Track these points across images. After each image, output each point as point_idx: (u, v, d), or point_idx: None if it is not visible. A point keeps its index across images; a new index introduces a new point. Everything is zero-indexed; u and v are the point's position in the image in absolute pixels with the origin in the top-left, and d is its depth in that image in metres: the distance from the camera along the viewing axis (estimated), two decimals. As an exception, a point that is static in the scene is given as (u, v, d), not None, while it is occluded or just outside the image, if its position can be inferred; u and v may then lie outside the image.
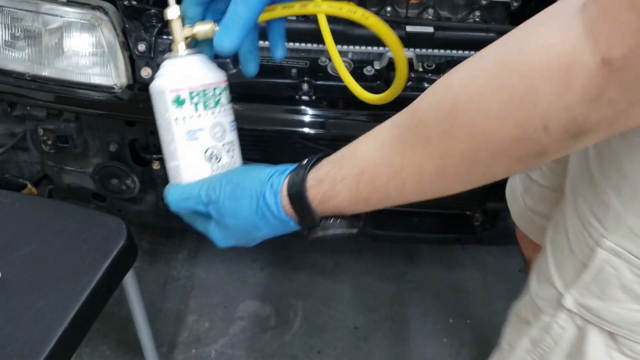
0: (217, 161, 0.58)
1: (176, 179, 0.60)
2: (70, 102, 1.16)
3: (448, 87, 0.44)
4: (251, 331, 1.53)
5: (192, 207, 0.58)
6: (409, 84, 1.13)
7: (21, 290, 0.91)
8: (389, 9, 1.16)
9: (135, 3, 1.10)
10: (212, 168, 0.58)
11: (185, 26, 0.58)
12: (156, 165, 1.27)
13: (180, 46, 0.57)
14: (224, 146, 0.59)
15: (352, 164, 0.50)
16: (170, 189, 0.59)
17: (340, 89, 1.11)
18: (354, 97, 0.66)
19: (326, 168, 0.51)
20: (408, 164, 0.46)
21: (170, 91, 0.56)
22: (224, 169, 0.59)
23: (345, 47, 1.14)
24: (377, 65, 1.13)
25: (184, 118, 0.57)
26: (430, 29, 1.11)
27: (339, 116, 1.13)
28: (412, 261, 1.72)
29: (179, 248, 1.72)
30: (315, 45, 1.14)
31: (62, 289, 0.90)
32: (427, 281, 1.67)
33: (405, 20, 1.13)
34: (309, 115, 1.12)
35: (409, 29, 1.11)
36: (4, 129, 1.29)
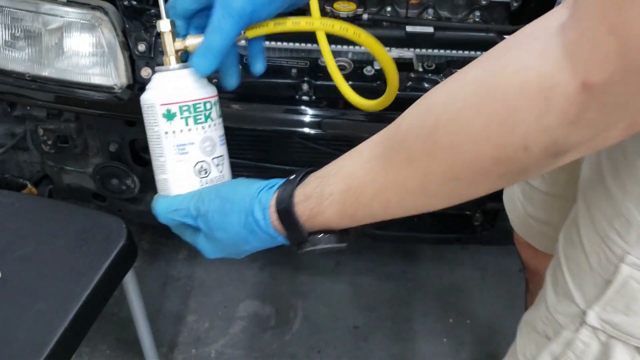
0: (206, 175, 0.59)
1: (165, 192, 0.60)
2: (70, 102, 1.16)
3: (429, 107, 0.45)
4: (251, 331, 1.53)
5: (181, 220, 0.58)
6: (409, 84, 1.13)
7: (21, 290, 0.91)
8: (389, 9, 1.16)
9: (135, 3, 1.10)
10: (201, 182, 0.59)
11: (177, 39, 0.58)
12: (156, 165, 1.27)
13: (171, 59, 0.58)
14: (213, 160, 0.59)
15: (338, 180, 0.50)
16: (159, 200, 0.59)
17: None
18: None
19: (313, 184, 0.51)
20: (392, 181, 0.46)
21: (161, 105, 0.56)
22: (213, 183, 0.59)
23: (345, 47, 1.14)
24: (377, 65, 1.13)
25: (174, 132, 0.57)
26: (430, 29, 1.11)
27: (339, 116, 1.13)
28: (412, 261, 1.72)
29: (179, 248, 1.72)
30: (315, 45, 1.14)
31: (62, 289, 0.90)
32: (427, 281, 1.67)
33: (405, 20, 1.13)
34: (309, 115, 1.12)
35: (409, 29, 1.11)
36: (4, 129, 1.29)
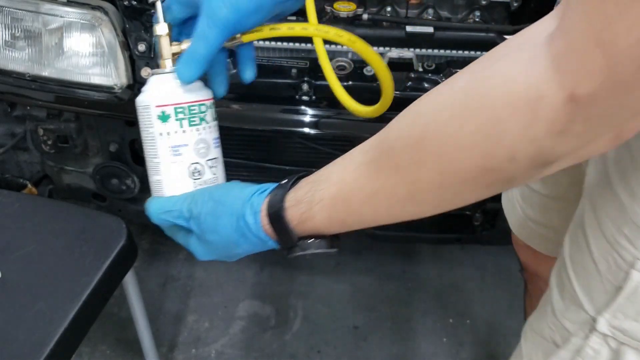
0: (200, 177, 0.59)
1: (158, 193, 0.60)
2: (70, 102, 1.16)
3: (417, 116, 0.45)
4: (251, 331, 1.53)
5: (174, 221, 0.58)
6: (409, 84, 1.13)
7: (21, 290, 0.91)
8: (389, 9, 1.16)
9: (135, 3, 1.10)
10: (195, 184, 0.59)
11: (173, 43, 0.58)
12: (156, 165, 1.27)
13: (167, 62, 0.58)
14: (207, 162, 0.60)
15: (329, 186, 0.50)
16: (153, 201, 0.60)
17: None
18: (353, 98, 0.66)
19: (304, 189, 0.52)
20: (380, 188, 0.47)
21: (156, 106, 0.57)
22: (207, 185, 0.60)
23: (345, 48, 1.14)
24: (377, 65, 1.13)
25: (168, 133, 0.57)
26: (430, 29, 1.11)
27: (339, 116, 1.13)
28: (412, 261, 1.72)
29: (179, 248, 1.71)
30: (315, 45, 1.14)
31: (62, 289, 0.90)
32: (427, 281, 1.67)
33: (405, 20, 1.13)
34: (309, 115, 1.12)
35: (409, 29, 1.11)
36: (4, 129, 1.29)
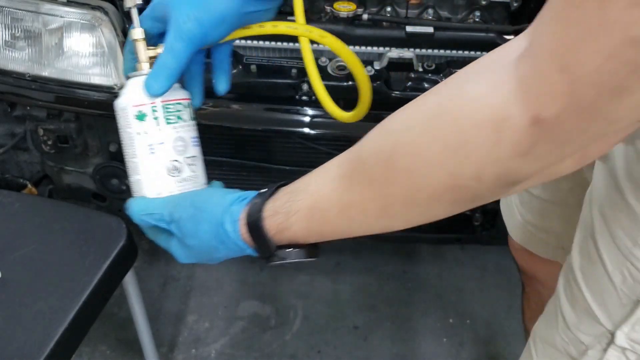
0: (179, 175, 0.60)
1: (139, 192, 0.61)
2: (70, 102, 1.16)
3: (389, 132, 0.46)
4: (251, 331, 1.53)
5: (155, 223, 0.59)
6: (409, 84, 1.13)
7: (21, 290, 0.91)
8: (389, 9, 1.16)
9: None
10: (174, 181, 0.60)
11: (149, 47, 0.60)
12: (156, 165, 1.27)
13: (144, 65, 0.60)
14: (185, 160, 0.60)
15: (305, 198, 0.51)
16: (135, 201, 0.60)
17: (340, 89, 1.11)
18: (353, 98, 0.66)
19: (282, 199, 0.52)
20: (354, 201, 0.48)
21: (133, 106, 0.58)
22: (186, 182, 0.60)
23: (345, 47, 1.14)
24: (377, 66, 1.13)
25: (145, 132, 0.58)
26: (430, 29, 1.11)
27: (339, 116, 1.13)
28: (412, 261, 1.72)
29: (179, 248, 1.72)
30: (315, 45, 1.14)
31: (62, 289, 0.90)
32: (427, 281, 1.67)
33: (405, 21, 1.13)
34: (309, 115, 1.12)
35: (409, 29, 1.11)
36: (4, 129, 1.29)
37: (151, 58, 0.60)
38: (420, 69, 1.14)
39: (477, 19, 1.16)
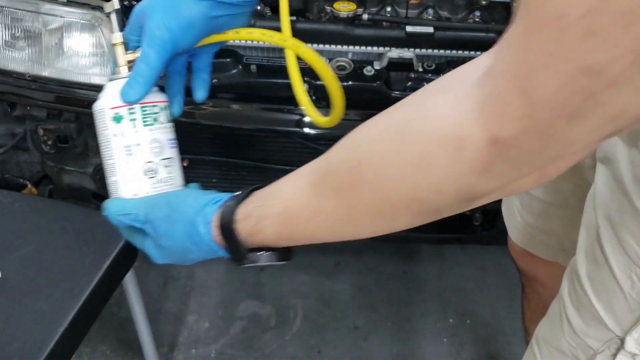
0: (155, 176, 0.61)
1: (115, 193, 0.62)
2: (70, 102, 1.16)
3: (357, 143, 0.47)
4: (251, 331, 1.53)
5: (130, 223, 0.60)
6: (409, 84, 1.13)
7: (21, 290, 0.91)
8: (389, 9, 1.16)
9: (135, 3, 1.10)
10: (150, 182, 0.61)
11: (128, 52, 0.61)
12: (156, 165, 1.27)
13: (122, 69, 0.61)
14: (161, 161, 0.61)
15: (276, 203, 0.52)
16: (112, 202, 0.61)
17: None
18: (353, 98, 0.66)
19: (254, 204, 0.53)
20: (323, 208, 0.49)
21: (110, 108, 0.59)
22: (162, 183, 0.61)
23: (345, 47, 1.14)
24: (377, 66, 1.13)
25: (122, 134, 0.59)
26: (430, 29, 1.11)
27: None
28: (412, 261, 1.72)
29: (179, 248, 1.72)
30: (315, 45, 1.14)
31: (62, 289, 0.91)
32: (427, 281, 1.67)
33: (405, 20, 1.13)
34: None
35: (409, 29, 1.11)
36: (4, 129, 1.29)
37: (130, 62, 0.61)
38: (420, 69, 1.14)
39: (477, 19, 1.16)
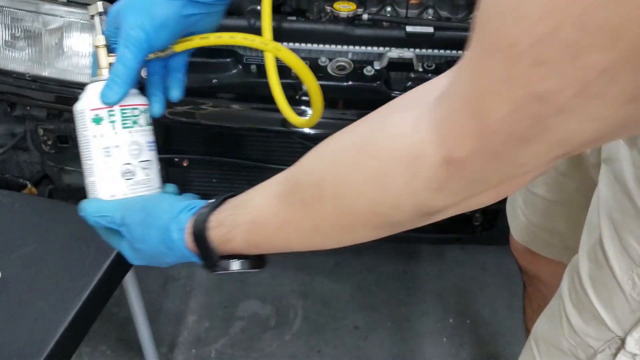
0: (132, 177, 0.61)
1: (93, 194, 0.63)
2: (70, 102, 1.15)
3: (321, 156, 0.49)
4: (251, 331, 1.53)
5: (107, 225, 0.61)
6: (409, 84, 1.13)
7: (21, 290, 0.91)
8: (389, 9, 1.16)
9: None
10: (127, 184, 0.61)
11: (110, 54, 0.62)
12: (156, 165, 1.27)
13: (104, 71, 0.62)
14: (140, 164, 0.62)
15: (247, 212, 0.53)
16: (89, 202, 0.62)
17: (340, 89, 1.11)
18: (353, 98, 0.66)
19: (226, 212, 0.54)
20: (290, 219, 0.50)
21: (90, 110, 0.60)
22: (140, 185, 0.62)
23: (345, 47, 1.14)
24: (377, 66, 1.13)
25: (101, 135, 0.60)
26: (430, 29, 1.11)
27: (339, 116, 1.13)
28: (412, 261, 1.72)
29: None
30: (315, 45, 1.14)
31: (62, 289, 0.91)
32: (427, 281, 1.67)
33: (405, 20, 1.13)
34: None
35: (409, 29, 1.11)
36: (4, 129, 1.29)
37: (111, 64, 0.62)
38: (420, 69, 1.14)
39: (477, 19, 1.16)
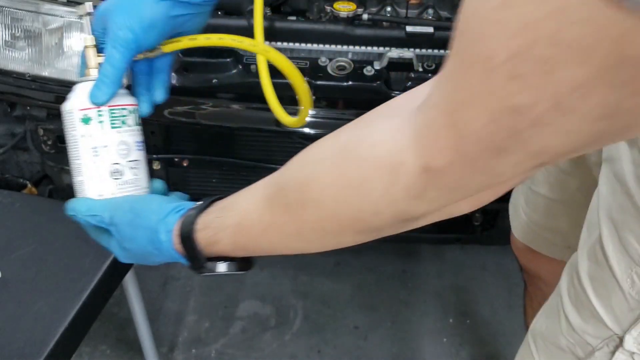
0: (120, 177, 0.62)
1: (81, 193, 0.63)
2: (70, 102, 1.16)
3: (306, 162, 0.50)
4: (251, 331, 1.53)
5: (96, 223, 0.61)
6: (409, 84, 1.13)
7: (21, 290, 0.91)
8: (389, 9, 1.16)
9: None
10: (115, 183, 0.62)
11: (99, 54, 0.62)
12: (156, 166, 1.27)
13: (92, 71, 0.62)
14: (128, 163, 0.62)
15: (233, 215, 0.54)
16: (78, 202, 0.62)
17: (340, 89, 1.11)
18: (353, 98, 0.67)
19: (213, 214, 0.55)
20: (274, 223, 0.51)
21: (79, 110, 0.60)
22: (128, 185, 0.62)
23: (345, 47, 1.14)
24: (377, 66, 1.13)
25: (90, 135, 0.61)
26: (430, 29, 1.11)
27: (339, 116, 1.13)
28: (412, 261, 1.72)
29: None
30: (315, 45, 1.14)
31: (62, 289, 0.91)
32: (427, 281, 1.67)
33: (405, 20, 1.13)
34: (309, 115, 1.12)
35: (409, 29, 1.11)
36: (4, 129, 1.28)
37: (100, 64, 0.62)
38: (421, 69, 1.14)
39: (477, 19, 1.16)
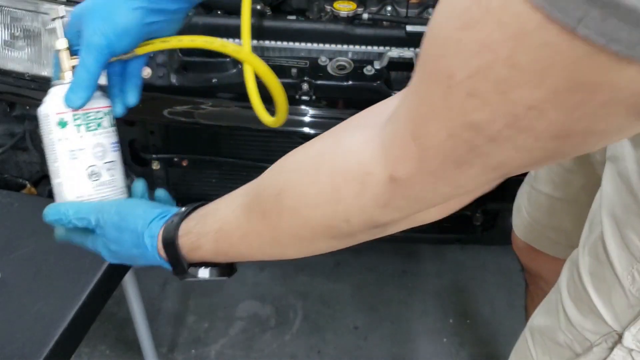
0: (98, 179, 0.63)
1: (59, 195, 0.64)
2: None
3: (281, 171, 0.51)
4: (251, 331, 1.53)
5: (84, 225, 0.62)
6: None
7: (21, 290, 0.91)
8: (389, 8, 1.16)
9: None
10: (93, 185, 0.63)
11: (73, 57, 0.63)
12: (156, 165, 1.27)
13: (67, 74, 0.62)
14: (104, 165, 0.63)
15: (213, 221, 0.55)
16: (65, 205, 0.62)
17: (340, 89, 1.11)
18: (353, 98, 0.66)
19: (194, 220, 0.56)
20: (252, 230, 0.52)
21: (56, 114, 0.61)
22: (105, 186, 0.64)
23: (345, 47, 1.14)
24: (378, 65, 1.13)
25: (67, 138, 0.61)
26: (430, 29, 1.11)
27: (339, 116, 1.13)
28: (412, 260, 1.72)
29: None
30: (315, 45, 1.14)
31: (62, 289, 0.90)
32: (427, 281, 1.67)
33: (405, 20, 1.13)
34: (309, 115, 1.12)
35: (409, 28, 1.11)
36: (3, 129, 1.28)
37: (73, 67, 0.62)
38: (421, 69, 1.14)
39: (477, 19, 1.16)
